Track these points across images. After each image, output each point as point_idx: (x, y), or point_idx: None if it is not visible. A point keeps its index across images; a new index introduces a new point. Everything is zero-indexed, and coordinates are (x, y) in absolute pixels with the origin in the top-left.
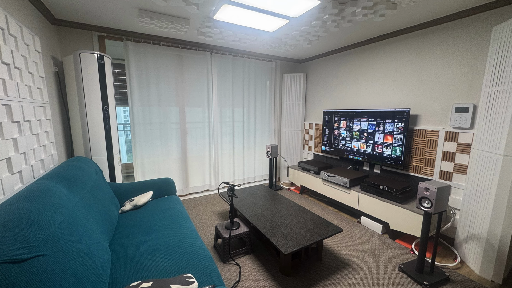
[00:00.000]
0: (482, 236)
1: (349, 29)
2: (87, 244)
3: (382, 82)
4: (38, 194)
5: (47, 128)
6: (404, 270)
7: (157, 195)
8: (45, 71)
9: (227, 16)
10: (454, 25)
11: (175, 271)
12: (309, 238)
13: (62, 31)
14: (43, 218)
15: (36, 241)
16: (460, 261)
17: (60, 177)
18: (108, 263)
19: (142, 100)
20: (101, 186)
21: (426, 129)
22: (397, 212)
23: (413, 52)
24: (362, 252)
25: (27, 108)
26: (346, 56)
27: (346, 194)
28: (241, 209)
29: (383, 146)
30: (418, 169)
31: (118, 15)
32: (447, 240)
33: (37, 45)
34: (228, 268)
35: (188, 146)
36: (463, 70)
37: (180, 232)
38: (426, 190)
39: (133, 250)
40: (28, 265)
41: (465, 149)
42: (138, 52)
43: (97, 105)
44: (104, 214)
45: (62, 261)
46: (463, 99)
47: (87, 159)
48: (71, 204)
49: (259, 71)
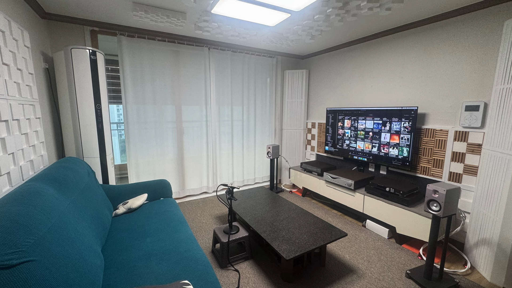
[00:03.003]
0: (494, 240)
1: (354, 24)
2: (79, 249)
3: (388, 79)
4: (27, 197)
5: (36, 127)
6: (411, 276)
7: (152, 197)
8: (34, 68)
9: (226, 10)
10: (464, 19)
11: (171, 277)
12: (312, 242)
13: (52, 26)
14: (32, 222)
15: (25, 246)
16: (470, 267)
17: (51, 179)
18: (100, 269)
19: (137, 98)
20: (93, 188)
21: (435, 129)
22: (404, 215)
23: (421, 47)
24: (368, 257)
25: (15, 106)
26: (351, 52)
27: (350, 197)
28: (240, 213)
29: (390, 146)
30: (426, 171)
31: (111, 8)
32: (456, 245)
33: (26, 40)
34: (226, 274)
35: (185, 146)
36: (473, 67)
37: (177, 237)
38: (435, 193)
39: (127, 256)
40: (17, 271)
41: (476, 149)
42: (132, 47)
43: (89, 103)
44: (97, 217)
45: (53, 267)
46: (473, 96)
47: (79, 160)
48: (62, 207)
49: (259, 68)
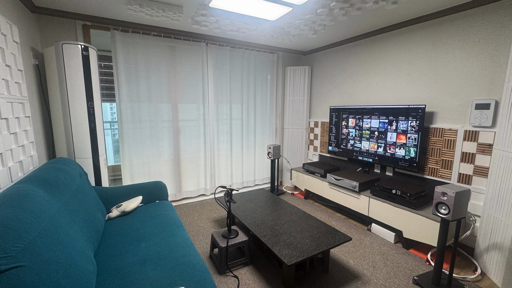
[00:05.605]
0: (505, 245)
1: (359, 18)
2: (70, 254)
3: (394, 76)
4: (16, 199)
5: (26, 126)
6: (419, 282)
7: (147, 200)
8: (24, 64)
9: (224, 3)
10: (474, 13)
11: (167, 284)
12: (315, 247)
13: (42, 20)
14: (21, 225)
15: (14, 251)
16: (481, 273)
17: (41, 181)
18: (93, 275)
19: (131, 96)
20: (85, 190)
21: (443, 128)
22: (411, 219)
23: (428, 42)
24: (373, 263)
25: (4, 104)
26: (355, 48)
27: (355, 199)
28: (239, 216)
29: (396, 146)
30: (434, 172)
31: (104, 2)
32: (466, 250)
33: (15, 35)
34: (225, 280)
35: (182, 146)
36: (483, 63)
37: (173, 241)
38: (443, 195)
39: (120, 261)
40: (5, 277)
41: (486, 149)
42: (127, 43)
43: (81, 101)
44: (89, 221)
45: (43, 273)
46: (483, 94)
47: (70, 161)
48: (52, 210)
49: (260, 64)
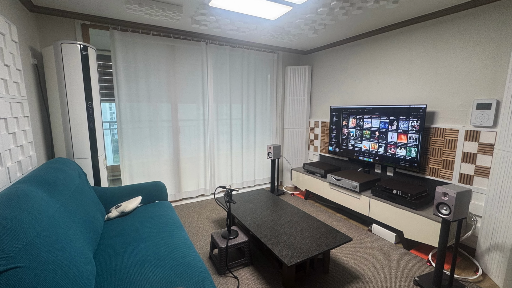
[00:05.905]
0: (507, 245)
1: (359, 17)
2: (69, 254)
3: (395, 76)
4: (15, 200)
5: (25, 126)
6: (420, 283)
7: (147, 200)
8: (22, 64)
9: (224, 3)
10: (475, 12)
11: (166, 284)
12: (315, 248)
13: (41, 19)
14: (20, 226)
15: (12, 251)
16: (482, 274)
17: (39, 181)
18: (92, 275)
19: (130, 96)
20: (84, 190)
21: (444, 128)
22: (412, 219)
23: (429, 42)
24: (374, 263)
25: (2, 104)
26: (356, 47)
27: (355, 200)
28: (239, 216)
29: (397, 146)
30: (435, 172)
31: (103, 1)
32: (467, 251)
33: (13, 35)
34: (225, 281)
35: (181, 146)
36: (485, 62)
37: (172, 242)
38: (444, 195)
39: (120, 262)
40: (4, 278)
41: (488, 149)
42: (126, 42)
43: (80, 101)
44: (88, 221)
45: (42, 274)
46: (485, 94)
47: (69, 161)
48: (51, 211)
49: (260, 64)
